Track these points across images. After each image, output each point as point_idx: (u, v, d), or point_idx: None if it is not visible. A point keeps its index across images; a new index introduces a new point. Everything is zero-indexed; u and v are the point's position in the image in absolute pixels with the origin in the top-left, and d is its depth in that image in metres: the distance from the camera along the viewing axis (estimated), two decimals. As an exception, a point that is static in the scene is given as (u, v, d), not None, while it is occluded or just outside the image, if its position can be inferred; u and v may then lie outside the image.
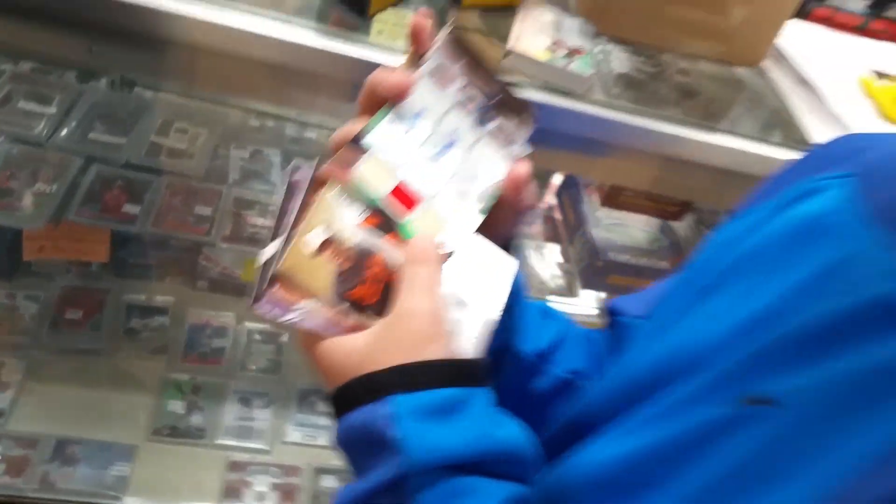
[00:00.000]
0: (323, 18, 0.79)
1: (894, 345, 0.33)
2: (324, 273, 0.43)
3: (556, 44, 0.84)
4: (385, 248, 0.45)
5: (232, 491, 1.28)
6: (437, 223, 0.47)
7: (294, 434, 1.39)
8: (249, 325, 1.50)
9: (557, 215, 1.57)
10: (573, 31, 0.88)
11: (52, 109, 1.28)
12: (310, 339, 0.44)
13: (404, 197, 0.47)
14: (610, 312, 0.62)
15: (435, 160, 0.49)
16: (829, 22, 1.07)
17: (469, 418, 0.42)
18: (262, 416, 1.38)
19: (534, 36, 0.84)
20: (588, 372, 0.60)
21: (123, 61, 0.89)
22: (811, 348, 0.36)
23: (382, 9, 0.82)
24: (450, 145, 0.50)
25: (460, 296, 0.45)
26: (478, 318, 0.45)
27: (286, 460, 1.35)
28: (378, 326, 0.43)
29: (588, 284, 1.43)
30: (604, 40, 0.94)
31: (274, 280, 0.42)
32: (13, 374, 1.30)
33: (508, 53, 0.81)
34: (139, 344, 1.40)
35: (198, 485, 1.28)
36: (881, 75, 1.02)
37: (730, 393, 0.38)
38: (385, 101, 0.48)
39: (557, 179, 1.57)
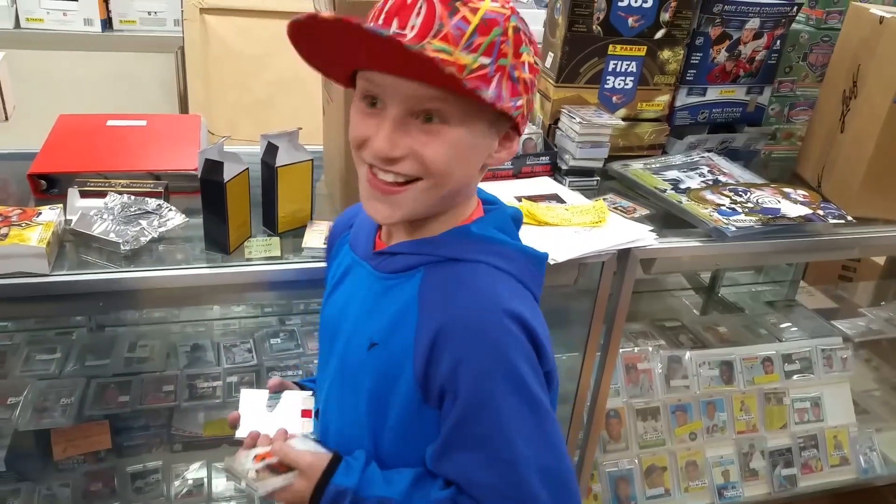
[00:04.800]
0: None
1: None
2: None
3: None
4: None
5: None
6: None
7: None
8: (217, 464, 2.16)
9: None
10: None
11: (58, 354, 2.02)
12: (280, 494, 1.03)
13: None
14: None
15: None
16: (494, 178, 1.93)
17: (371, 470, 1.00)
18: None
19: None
20: None
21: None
22: None
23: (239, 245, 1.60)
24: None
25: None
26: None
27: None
28: (302, 471, 1.02)
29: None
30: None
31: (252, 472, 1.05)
32: (65, 535, 1.91)
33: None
34: (145, 495, 2.04)
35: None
36: (526, 198, 1.86)
37: None
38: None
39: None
